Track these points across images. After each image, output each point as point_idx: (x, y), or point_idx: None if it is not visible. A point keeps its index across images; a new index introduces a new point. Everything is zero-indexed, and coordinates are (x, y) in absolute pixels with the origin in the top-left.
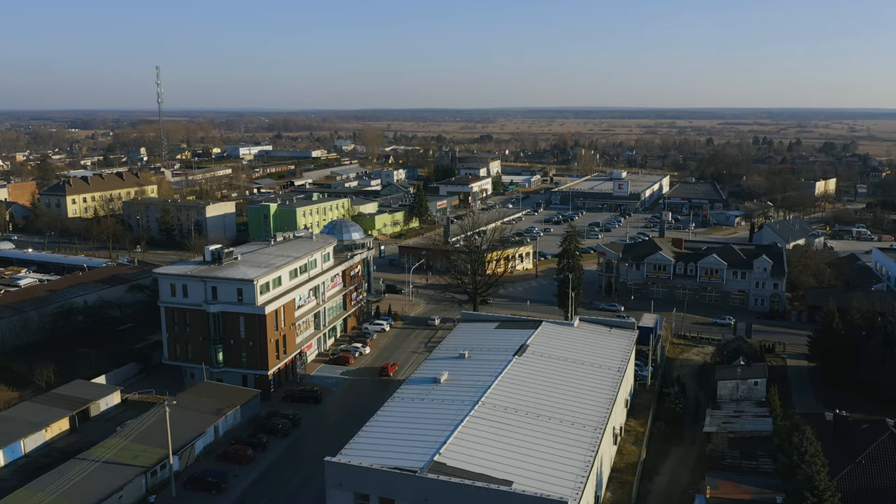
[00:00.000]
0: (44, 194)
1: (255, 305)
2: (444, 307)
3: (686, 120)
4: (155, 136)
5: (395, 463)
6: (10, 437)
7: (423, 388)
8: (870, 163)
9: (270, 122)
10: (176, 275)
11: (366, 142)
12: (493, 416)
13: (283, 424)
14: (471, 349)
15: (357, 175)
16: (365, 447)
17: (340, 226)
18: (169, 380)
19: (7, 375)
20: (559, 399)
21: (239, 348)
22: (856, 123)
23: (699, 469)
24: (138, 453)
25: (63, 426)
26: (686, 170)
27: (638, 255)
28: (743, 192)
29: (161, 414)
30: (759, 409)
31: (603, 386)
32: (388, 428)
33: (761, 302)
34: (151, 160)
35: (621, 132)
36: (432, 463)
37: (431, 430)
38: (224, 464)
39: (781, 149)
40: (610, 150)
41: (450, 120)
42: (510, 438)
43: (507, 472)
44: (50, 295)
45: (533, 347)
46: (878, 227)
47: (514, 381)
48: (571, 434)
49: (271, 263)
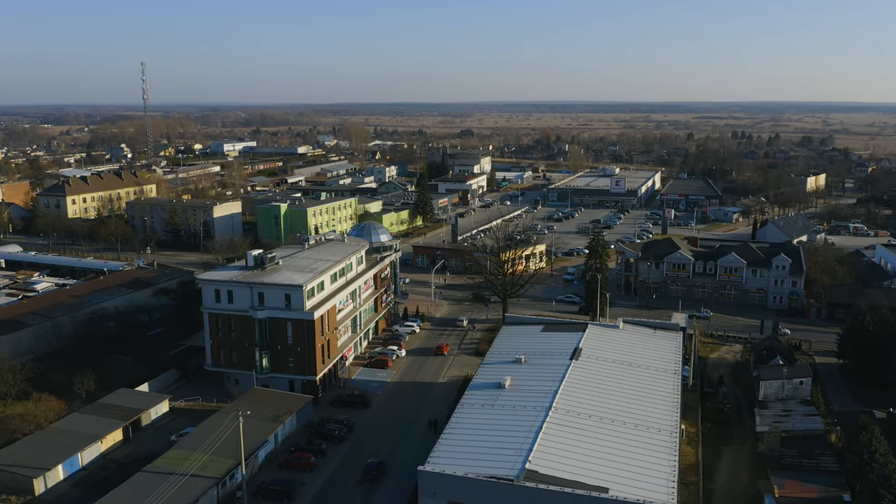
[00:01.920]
0: (42, 195)
1: (304, 311)
2: (466, 307)
3: (661, 114)
4: (135, 132)
5: (485, 471)
6: (68, 450)
7: (490, 393)
8: (851, 157)
9: (247, 117)
10: (221, 280)
11: (350, 137)
12: (568, 421)
13: (339, 430)
14: (524, 353)
15: (348, 172)
16: (449, 455)
17: (369, 228)
18: (209, 386)
19: (45, 385)
20: (627, 403)
21: (286, 354)
22: (828, 117)
23: (755, 468)
24: (206, 464)
25: (117, 437)
26: (672, 165)
27: (658, 253)
28: (737, 189)
29: (220, 422)
30: (807, 408)
31: (665, 389)
32: (467, 435)
33: (780, 300)
34: (137, 157)
35: (600, 127)
36: (526, 471)
37: (512, 437)
38: (287, 472)
39: (761, 143)
40: (593, 145)
41: (426, 114)
42: (592, 444)
43: (598, 479)
44: (78, 300)
45: (586, 351)
46: (873, 222)
47: (578, 385)
48: (649, 438)
49: (314, 268)
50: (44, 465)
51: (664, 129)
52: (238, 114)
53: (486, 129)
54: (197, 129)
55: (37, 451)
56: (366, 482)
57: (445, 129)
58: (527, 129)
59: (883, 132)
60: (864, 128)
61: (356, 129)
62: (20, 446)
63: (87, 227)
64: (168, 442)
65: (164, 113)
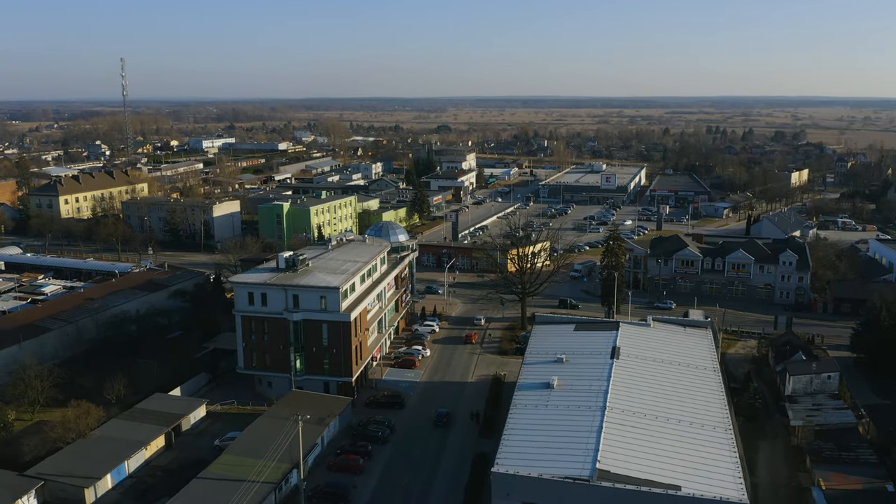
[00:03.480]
0: (34, 194)
1: (339, 313)
2: (480, 306)
3: (633, 109)
4: (110, 128)
5: (558, 472)
6: (115, 458)
7: (539, 393)
8: (826, 151)
9: (219, 113)
10: (255, 283)
11: (328, 133)
12: (626, 420)
13: (381, 431)
14: (564, 353)
15: (333, 168)
16: (516, 456)
17: (387, 228)
18: (239, 389)
19: (73, 390)
20: (677, 401)
21: (320, 356)
22: (797, 111)
23: (792, 461)
24: (260, 469)
25: (160, 443)
26: (652, 160)
27: (666, 250)
28: (723, 184)
29: (265, 426)
30: (836, 401)
31: (710, 385)
32: (529, 436)
33: (786, 295)
34: (116, 155)
35: (574, 122)
36: (598, 471)
37: (575, 437)
38: (337, 474)
39: (735, 138)
40: (571, 140)
41: (400, 109)
42: (654, 443)
43: (668, 477)
44: (98, 304)
45: (625, 350)
46: (859, 217)
47: (626, 384)
48: (707, 435)
49: (345, 269)
50: (93, 474)
51: (638, 124)
52: (210, 109)
53: (461, 124)
54: (170, 126)
55: (83, 459)
56: (438, 428)
57: (421, 125)
58: (503, 125)
59: (851, 126)
60: (834, 122)
61: (334, 125)
62: (65, 455)
63: (85, 228)
64: (212, 447)
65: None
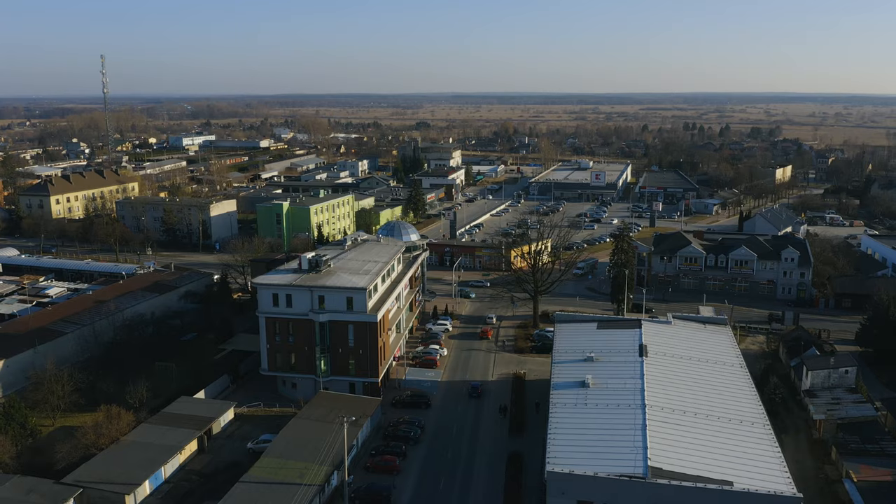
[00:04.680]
0: (24, 194)
1: (366, 313)
2: (489, 304)
3: (608, 105)
4: (85, 126)
5: (612, 470)
6: (151, 464)
7: (576, 392)
8: (804, 148)
9: (194, 109)
10: (280, 285)
11: (309, 130)
12: (667, 418)
13: (413, 431)
14: (591, 351)
15: (318, 166)
16: (566, 455)
17: (399, 227)
18: (261, 391)
19: (94, 395)
20: (711, 397)
21: (346, 356)
22: (769, 107)
23: (817, 454)
24: (302, 471)
25: (192, 447)
26: (634, 157)
27: (670, 247)
28: (710, 181)
29: (300, 428)
30: (854, 395)
31: (740, 382)
32: (574, 435)
33: (788, 290)
34: (96, 153)
35: (551, 118)
36: (651, 468)
37: (621, 435)
38: (374, 475)
39: (713, 134)
40: (551, 137)
41: (376, 105)
42: (698, 439)
43: (717, 472)
44: (114, 306)
45: (651, 348)
46: (844, 212)
47: (659, 381)
48: (747, 431)
49: (367, 269)
50: (131, 480)
51: (615, 120)
52: (184, 106)
53: (440, 120)
54: (146, 123)
55: (119, 465)
56: (472, 399)
57: (400, 121)
58: (481, 121)
59: (825, 122)
60: (807, 118)
61: (313, 122)
62: (100, 461)
63: (79, 228)
64: (245, 450)
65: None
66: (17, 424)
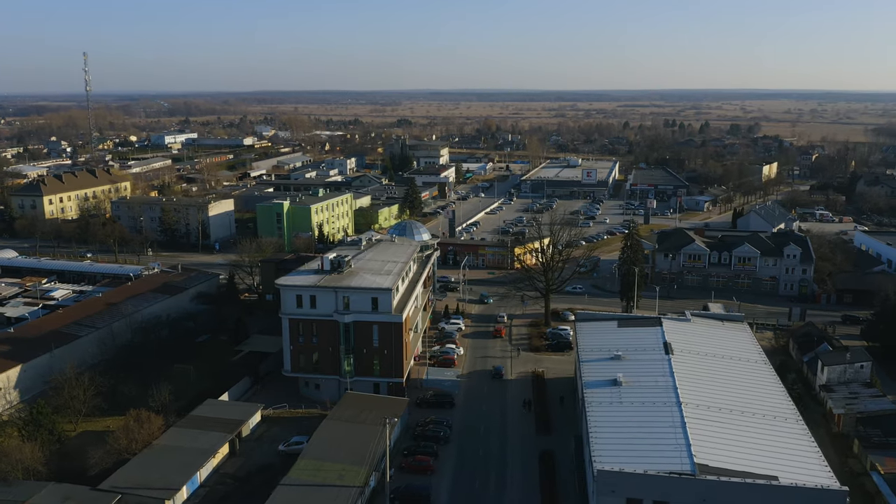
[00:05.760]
0: (16, 194)
1: (391, 313)
2: (499, 303)
3: (586, 102)
4: (64, 124)
5: (661, 467)
6: (187, 468)
7: (609, 391)
8: (784, 144)
9: (170, 107)
10: (304, 286)
11: (291, 127)
12: (703, 415)
13: (443, 431)
14: (616, 350)
15: (304, 164)
16: (611, 454)
17: (411, 227)
18: (282, 392)
19: (116, 398)
20: (741, 394)
21: (370, 357)
22: (745, 104)
23: (839, 448)
24: (341, 472)
25: (224, 450)
26: (618, 154)
27: (674, 245)
28: (699, 178)
29: (333, 429)
30: (871, 390)
31: (767, 378)
32: (614, 434)
33: (791, 287)
34: (79, 151)
35: (531, 115)
36: (698, 465)
37: (662, 432)
38: (408, 475)
39: (693, 131)
40: (533, 134)
41: (354, 102)
42: (737, 435)
43: (761, 468)
44: (129, 308)
45: (675, 346)
46: (832, 209)
47: (689, 379)
48: (783, 427)
49: (388, 270)
50: (169, 485)
51: (594, 117)
52: (161, 104)
53: (420, 117)
54: (123, 120)
55: (154, 470)
56: (495, 380)
57: (380, 118)
58: (462, 118)
59: (801, 119)
60: (783, 115)
61: (294, 119)
62: (135, 466)
63: (75, 228)
64: (276, 452)
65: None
66: (46, 431)
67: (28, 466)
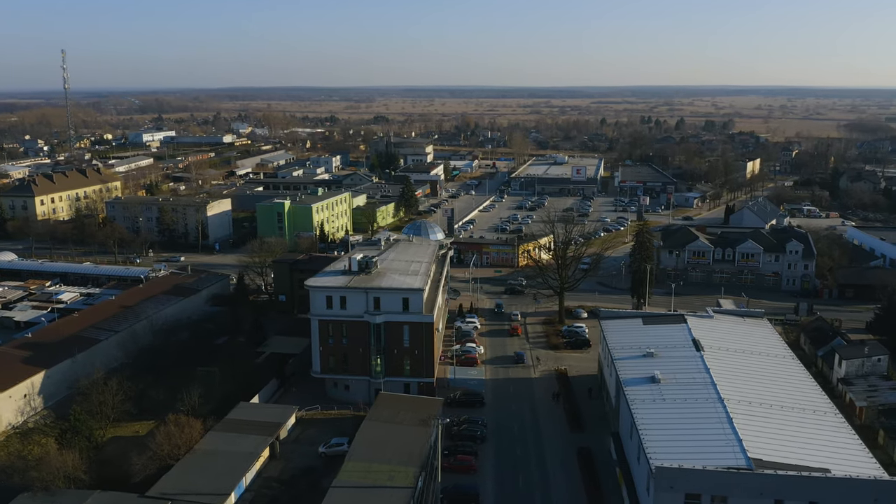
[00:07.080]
0: (7, 195)
1: (422, 314)
2: (509, 301)
3: (559, 99)
4: (37, 121)
5: (717, 462)
6: (234, 473)
7: (649, 388)
8: (760, 140)
9: (142, 104)
10: (333, 287)
11: (268, 124)
12: (746, 410)
13: (480, 430)
14: (646, 347)
15: (288, 162)
16: (664, 450)
17: (426, 227)
18: (309, 394)
19: (144, 403)
20: (776, 388)
21: (402, 357)
22: (716, 100)
23: (863, 439)
24: (390, 473)
25: (265, 454)
26: (598, 151)
27: (678, 242)
28: (685, 174)
29: (374, 430)
30: (888, 382)
31: (798, 373)
32: (664, 430)
33: (793, 282)
34: (56, 150)
35: (506, 112)
36: (753, 459)
37: (710, 428)
38: (452, 475)
39: (669, 128)
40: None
41: (327, 99)
42: (782, 429)
43: (812, 461)
44: (148, 311)
45: (705, 342)
46: (818, 204)
47: (725, 375)
48: (822, 420)
49: (415, 270)
50: (217, 490)
51: (569, 114)
52: (132, 101)
53: (396, 114)
54: (95, 118)
55: (200, 476)
56: (517, 365)
57: (356, 115)
58: (440, 115)
59: (773, 115)
60: (753, 111)
61: (270, 116)
62: (180, 472)
63: (71, 229)
64: (317, 454)
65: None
66: (84, 438)
67: (69, 474)
